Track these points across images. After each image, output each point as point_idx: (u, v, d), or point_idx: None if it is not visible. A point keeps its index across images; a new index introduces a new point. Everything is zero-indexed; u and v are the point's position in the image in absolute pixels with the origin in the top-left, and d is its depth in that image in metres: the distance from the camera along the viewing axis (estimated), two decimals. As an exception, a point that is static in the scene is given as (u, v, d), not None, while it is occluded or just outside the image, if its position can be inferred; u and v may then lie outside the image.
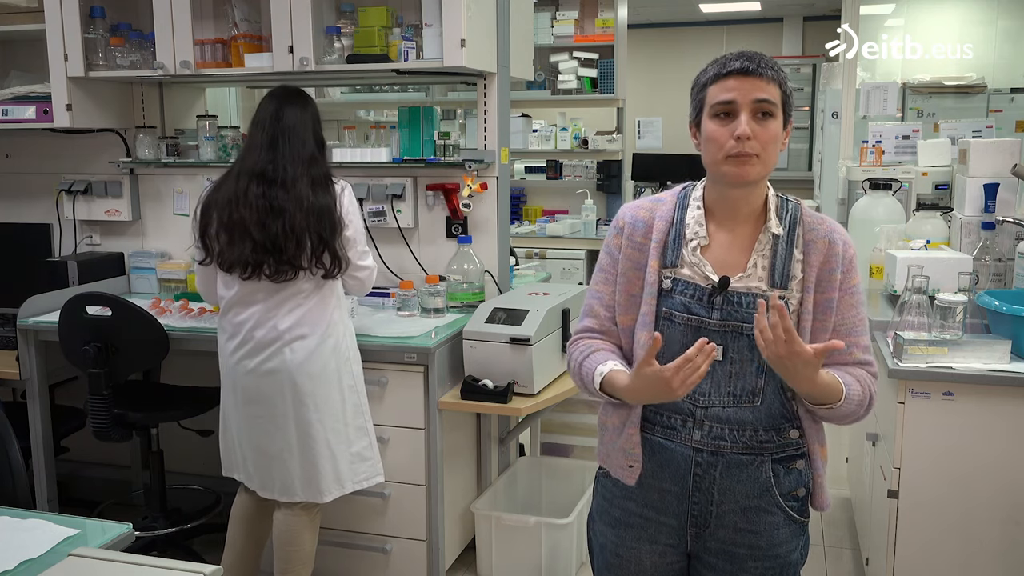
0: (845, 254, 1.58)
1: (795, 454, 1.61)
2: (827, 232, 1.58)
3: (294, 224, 2.42)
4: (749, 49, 1.55)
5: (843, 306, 1.58)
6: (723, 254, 1.58)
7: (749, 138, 1.48)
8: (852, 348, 1.58)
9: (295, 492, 2.54)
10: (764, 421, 1.58)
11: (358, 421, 2.59)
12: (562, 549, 2.91)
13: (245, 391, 2.52)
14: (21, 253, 3.52)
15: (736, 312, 1.54)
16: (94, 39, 3.18)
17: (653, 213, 1.63)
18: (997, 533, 2.34)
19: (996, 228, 2.94)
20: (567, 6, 5.31)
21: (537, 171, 5.86)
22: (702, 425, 1.58)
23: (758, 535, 1.60)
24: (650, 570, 1.67)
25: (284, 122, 2.48)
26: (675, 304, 1.58)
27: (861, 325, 1.61)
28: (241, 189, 2.44)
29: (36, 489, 3.08)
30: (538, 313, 2.74)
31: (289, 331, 2.47)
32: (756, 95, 1.49)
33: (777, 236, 1.57)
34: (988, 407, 2.29)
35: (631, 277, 1.62)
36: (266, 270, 2.43)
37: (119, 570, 1.39)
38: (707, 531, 1.62)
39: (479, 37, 2.91)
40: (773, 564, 1.62)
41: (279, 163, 2.45)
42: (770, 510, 1.60)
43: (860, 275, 1.62)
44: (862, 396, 1.56)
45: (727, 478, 1.58)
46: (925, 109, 6.11)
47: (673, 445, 1.60)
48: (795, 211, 1.60)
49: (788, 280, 1.56)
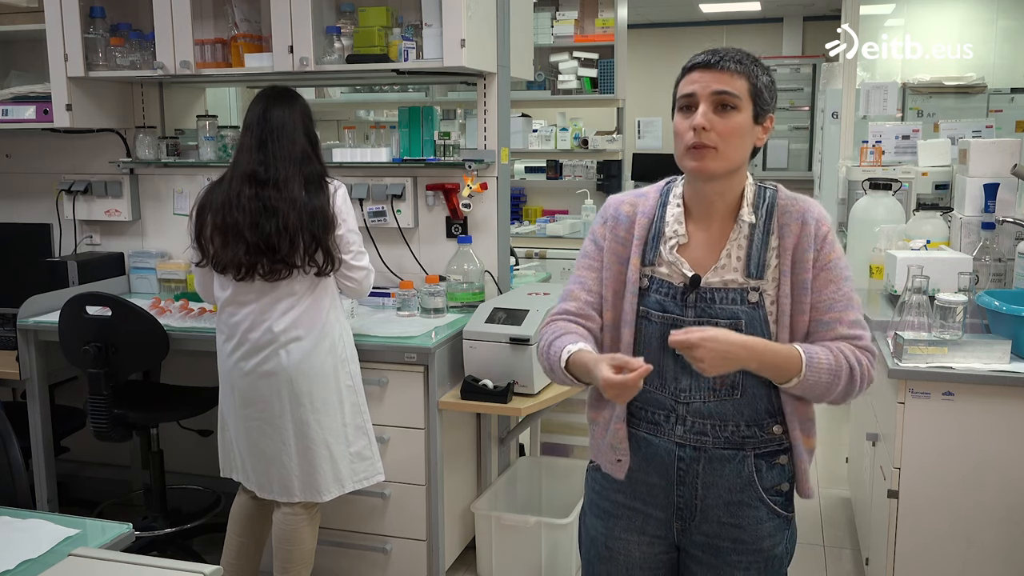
0: (818, 232, 1.56)
1: (778, 449, 1.62)
2: (800, 213, 1.57)
3: (287, 223, 2.42)
4: (746, 48, 1.55)
5: (819, 283, 1.56)
6: (700, 252, 1.59)
7: (705, 129, 1.49)
8: (835, 324, 1.55)
9: (294, 492, 2.54)
10: (746, 415, 1.59)
11: (357, 421, 2.59)
12: (562, 549, 2.91)
13: (242, 392, 2.52)
14: (21, 253, 3.52)
15: (710, 308, 1.55)
16: (94, 39, 3.18)
17: (636, 208, 1.64)
18: (997, 533, 2.34)
19: (996, 228, 2.94)
20: (567, 6, 5.30)
21: (537, 171, 5.86)
22: (684, 420, 1.59)
23: (742, 529, 1.62)
24: (639, 561, 1.68)
25: (272, 123, 2.48)
26: (651, 303, 1.59)
27: (843, 300, 1.56)
28: (234, 192, 2.45)
29: (36, 489, 3.08)
30: (538, 313, 2.74)
31: (284, 332, 2.47)
32: (715, 87, 1.50)
33: (752, 225, 1.56)
34: (988, 407, 2.29)
35: (615, 272, 1.63)
36: (260, 270, 2.44)
37: (119, 570, 1.40)
38: (692, 524, 1.63)
39: (479, 37, 2.91)
40: (757, 558, 1.63)
41: (270, 164, 2.45)
42: (753, 504, 1.61)
43: (840, 249, 1.59)
44: (834, 365, 1.51)
45: (710, 472, 1.60)
46: (925, 109, 6.11)
47: (657, 440, 1.62)
48: (772, 198, 1.59)
49: (764, 270, 1.55)
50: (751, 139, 1.55)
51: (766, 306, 1.56)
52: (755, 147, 1.58)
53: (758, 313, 1.55)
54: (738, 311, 1.54)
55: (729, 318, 1.54)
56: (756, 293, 1.55)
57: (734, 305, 1.55)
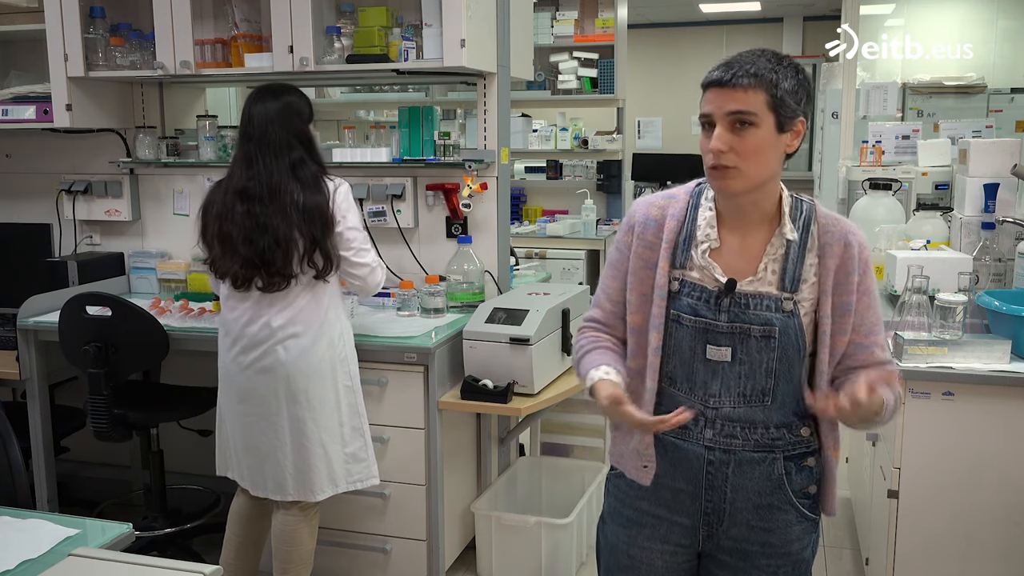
0: (861, 256, 1.56)
1: (807, 451, 1.61)
2: (842, 235, 1.56)
3: (278, 236, 2.41)
4: (748, 50, 1.52)
5: (861, 307, 1.57)
6: (733, 258, 1.57)
7: (722, 151, 1.47)
8: (872, 347, 1.59)
9: (287, 490, 2.53)
10: (776, 419, 1.58)
11: (354, 422, 2.59)
12: (562, 549, 2.91)
13: (239, 388, 2.52)
14: (21, 253, 3.52)
15: (744, 314, 1.54)
16: (94, 39, 3.18)
17: (665, 211, 1.61)
18: (997, 533, 2.34)
19: (996, 228, 2.94)
20: (567, 6, 5.31)
21: (537, 171, 5.86)
22: (714, 424, 1.58)
23: (771, 532, 1.61)
24: (661, 570, 1.67)
25: (257, 130, 2.46)
26: (682, 306, 1.57)
27: (879, 324, 1.61)
28: (228, 206, 2.46)
29: (36, 489, 3.08)
30: (538, 313, 2.74)
31: (282, 329, 2.47)
32: (729, 107, 1.46)
33: (791, 241, 1.55)
34: (988, 407, 2.29)
35: (642, 276, 1.61)
36: (257, 283, 2.45)
37: (119, 570, 1.40)
38: (720, 529, 1.62)
39: (479, 37, 2.91)
40: (785, 561, 1.62)
41: (260, 176, 2.44)
42: (783, 507, 1.60)
43: (874, 273, 1.61)
44: (893, 405, 1.56)
45: (739, 476, 1.58)
46: (925, 109, 6.11)
47: (685, 444, 1.60)
48: (809, 212, 1.58)
49: (798, 284, 1.55)
50: (777, 150, 1.50)
51: (800, 315, 1.54)
52: (787, 153, 1.53)
53: (793, 322, 1.53)
54: (772, 318, 1.53)
55: (763, 324, 1.53)
56: (791, 302, 1.54)
57: (768, 312, 1.53)
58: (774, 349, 1.53)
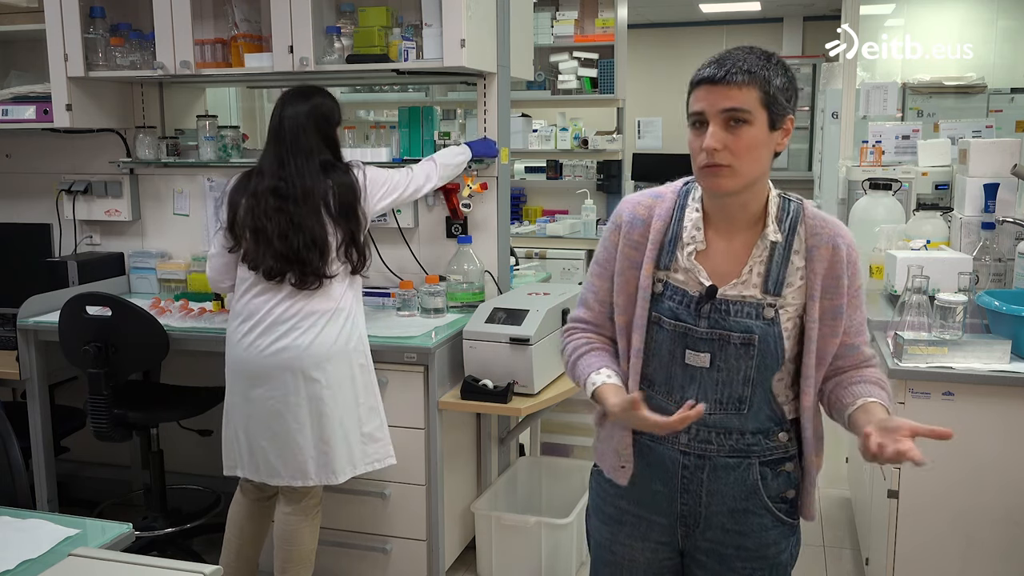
0: (849, 258, 1.55)
1: (784, 456, 1.60)
2: (830, 237, 1.54)
3: (314, 236, 2.46)
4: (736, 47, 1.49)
5: (849, 309, 1.56)
6: (719, 261, 1.55)
7: (716, 150, 1.44)
8: (860, 347, 1.60)
9: (309, 475, 2.52)
10: (751, 426, 1.57)
11: (370, 401, 2.59)
12: (562, 549, 2.91)
13: (255, 373, 2.50)
14: (21, 253, 3.52)
15: (724, 321, 1.52)
16: (94, 39, 3.18)
17: (652, 211, 1.60)
18: (997, 533, 2.34)
19: (996, 228, 2.94)
20: (567, 6, 5.30)
21: (537, 171, 5.86)
22: (689, 428, 1.55)
23: (746, 536, 1.60)
24: (644, 566, 1.68)
25: (289, 134, 2.50)
26: (663, 309, 1.56)
27: (864, 322, 1.62)
28: (261, 199, 2.48)
29: (36, 489, 3.08)
30: (538, 313, 2.74)
31: (300, 311, 2.48)
32: (723, 105, 1.43)
33: (775, 243, 1.54)
34: (988, 407, 2.29)
35: (628, 277, 1.60)
36: (291, 279, 2.47)
37: (119, 570, 1.40)
38: (696, 531, 1.62)
39: (479, 37, 2.91)
40: (762, 565, 1.62)
41: (291, 179, 2.48)
42: (758, 512, 1.60)
43: (861, 273, 1.61)
44: (888, 404, 1.56)
45: (714, 481, 1.58)
46: (925, 109, 6.11)
47: (661, 447, 1.60)
48: (797, 213, 1.56)
49: (782, 287, 1.53)
50: (769, 148, 1.49)
51: (782, 323, 1.53)
52: (776, 152, 1.52)
53: (773, 329, 1.52)
54: (752, 325, 1.52)
55: (743, 331, 1.51)
56: (772, 309, 1.52)
57: (749, 319, 1.52)
58: (753, 357, 1.52)
